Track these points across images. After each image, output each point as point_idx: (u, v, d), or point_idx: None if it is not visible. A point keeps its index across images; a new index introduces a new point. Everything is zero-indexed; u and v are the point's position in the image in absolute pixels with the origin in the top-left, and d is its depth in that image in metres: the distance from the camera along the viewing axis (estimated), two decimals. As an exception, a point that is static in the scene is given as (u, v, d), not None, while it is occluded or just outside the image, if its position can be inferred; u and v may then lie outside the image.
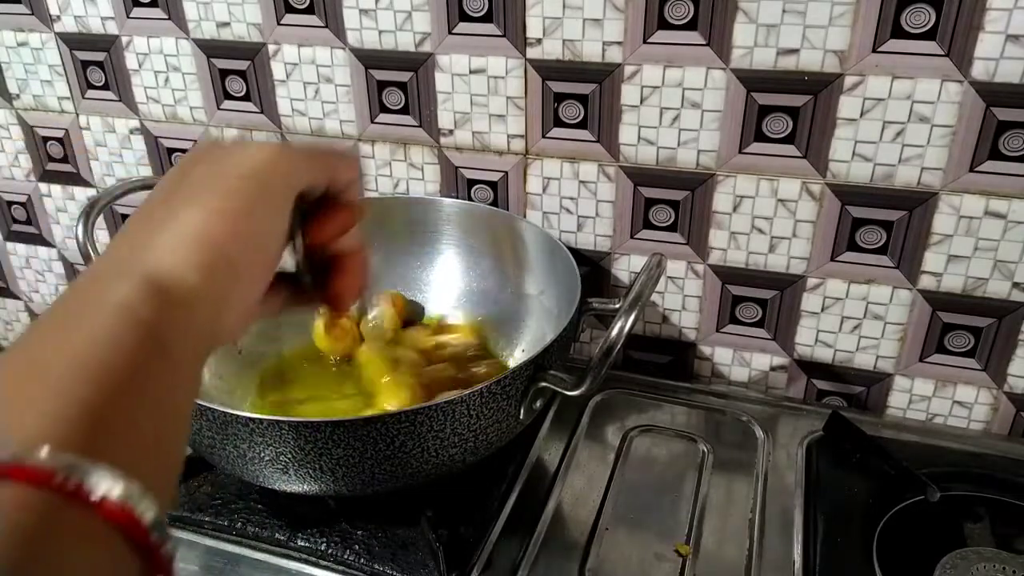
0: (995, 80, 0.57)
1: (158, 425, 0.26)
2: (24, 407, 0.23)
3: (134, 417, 0.25)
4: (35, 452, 0.21)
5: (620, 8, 0.63)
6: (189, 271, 0.29)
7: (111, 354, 0.25)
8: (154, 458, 0.25)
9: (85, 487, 0.22)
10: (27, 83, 0.86)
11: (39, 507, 0.21)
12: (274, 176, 0.33)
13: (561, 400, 0.71)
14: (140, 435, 0.25)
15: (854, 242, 0.65)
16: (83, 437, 0.23)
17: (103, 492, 0.22)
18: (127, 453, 0.24)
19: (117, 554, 0.22)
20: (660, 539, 0.57)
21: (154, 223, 0.31)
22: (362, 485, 0.52)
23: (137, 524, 0.23)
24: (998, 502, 0.58)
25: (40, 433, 0.22)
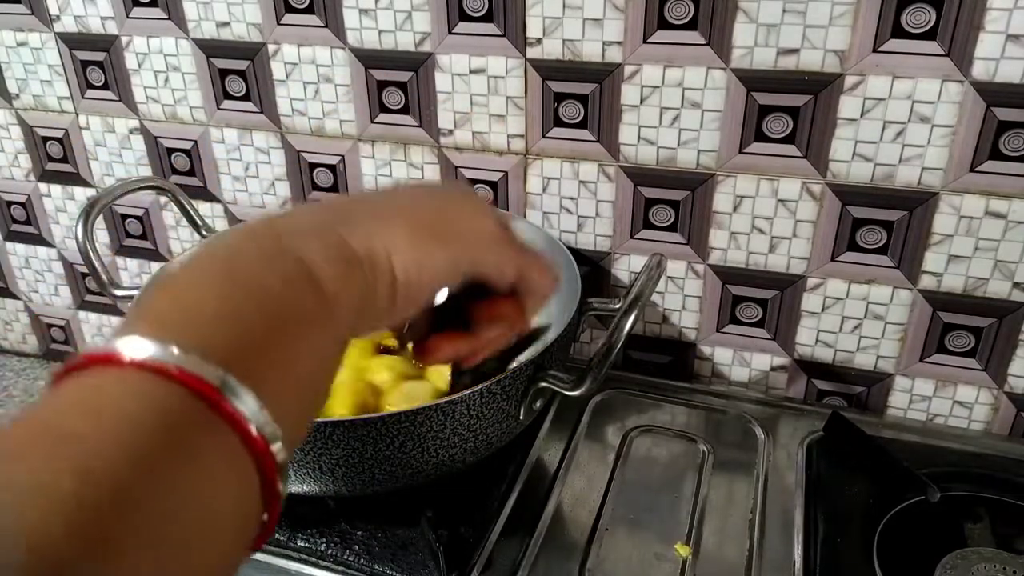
0: (995, 80, 0.57)
1: (306, 372, 0.27)
2: (195, 320, 0.25)
3: (288, 357, 0.26)
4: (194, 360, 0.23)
5: (620, 8, 0.63)
6: (369, 261, 0.31)
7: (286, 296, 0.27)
8: (295, 398, 0.27)
9: (231, 404, 0.23)
10: (27, 83, 0.86)
11: (190, 409, 0.23)
12: (473, 250, 0.35)
13: (561, 400, 0.71)
14: (291, 381, 0.26)
15: (854, 242, 0.65)
16: (238, 360, 0.24)
17: (246, 413, 0.23)
18: (273, 386, 0.25)
19: (243, 476, 0.24)
20: (660, 539, 0.57)
21: (364, 211, 0.33)
22: (362, 485, 0.52)
23: (269, 457, 0.24)
24: (998, 502, 0.58)
25: (204, 346, 0.24)
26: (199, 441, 0.23)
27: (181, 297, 0.26)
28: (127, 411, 0.22)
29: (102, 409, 0.22)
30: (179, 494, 0.22)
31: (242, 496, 0.24)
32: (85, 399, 0.23)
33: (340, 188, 0.79)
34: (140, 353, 0.23)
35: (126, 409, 0.22)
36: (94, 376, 0.23)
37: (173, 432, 0.22)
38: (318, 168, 0.80)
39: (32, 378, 0.99)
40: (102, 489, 0.20)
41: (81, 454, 0.20)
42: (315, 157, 0.79)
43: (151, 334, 0.23)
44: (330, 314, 0.28)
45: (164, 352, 0.23)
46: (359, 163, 0.78)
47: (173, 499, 0.21)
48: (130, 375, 0.23)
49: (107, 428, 0.21)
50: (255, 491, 0.24)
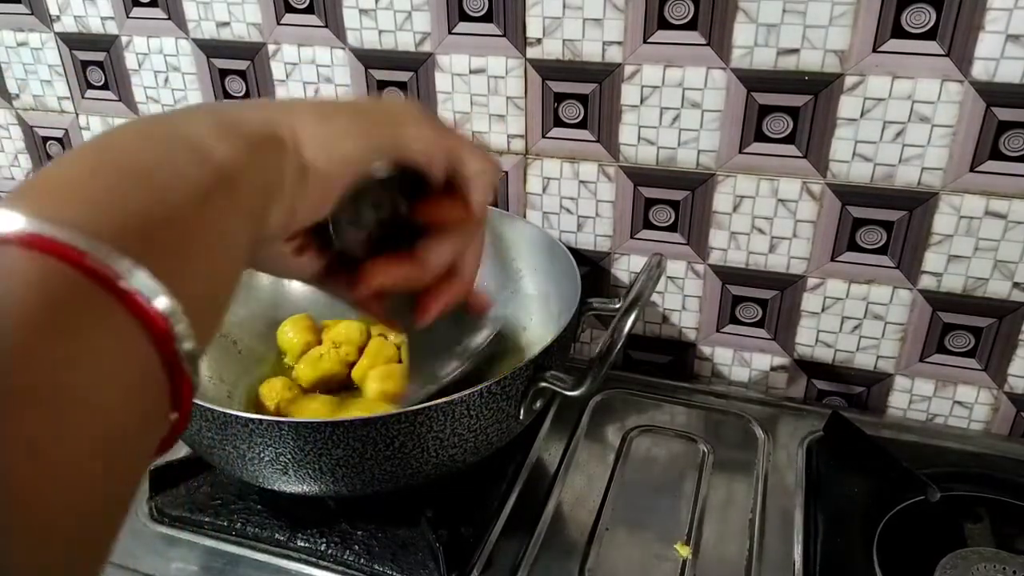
0: (995, 80, 0.57)
1: (212, 259, 0.25)
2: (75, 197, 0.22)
3: (189, 241, 0.24)
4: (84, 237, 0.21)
5: (620, 8, 0.63)
6: (272, 144, 0.29)
7: (177, 175, 0.25)
8: (202, 289, 0.24)
9: (117, 278, 0.21)
10: (27, 83, 0.86)
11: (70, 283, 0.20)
12: (389, 127, 0.32)
13: (561, 400, 0.71)
14: (192, 261, 0.24)
15: (854, 242, 0.65)
16: (128, 237, 0.22)
17: (142, 292, 0.21)
18: (176, 273, 0.22)
19: (141, 355, 0.21)
20: (660, 539, 0.57)
21: (267, 104, 0.31)
22: (362, 485, 0.52)
23: (167, 333, 0.22)
24: (998, 502, 0.58)
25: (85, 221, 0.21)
26: (77, 311, 0.20)
27: (57, 177, 0.24)
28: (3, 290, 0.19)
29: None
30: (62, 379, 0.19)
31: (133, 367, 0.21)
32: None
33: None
34: (12, 227, 0.20)
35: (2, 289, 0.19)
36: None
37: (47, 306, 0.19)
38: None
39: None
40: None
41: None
42: (315, 157, 0.79)
43: (25, 210, 0.21)
44: (227, 189, 0.26)
45: (30, 223, 0.20)
46: (359, 163, 0.78)
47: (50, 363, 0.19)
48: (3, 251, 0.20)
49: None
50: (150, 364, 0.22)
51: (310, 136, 0.30)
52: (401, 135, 0.33)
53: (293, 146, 0.30)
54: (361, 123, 0.32)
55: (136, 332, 0.21)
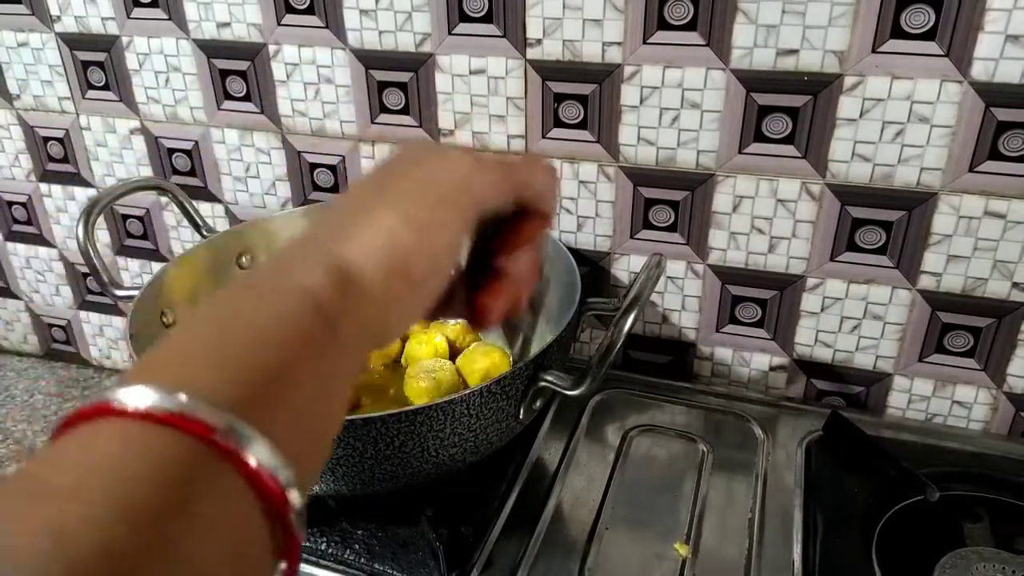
0: (995, 80, 0.57)
1: (318, 405, 0.27)
2: (199, 366, 0.24)
3: (298, 393, 0.25)
4: (203, 408, 0.22)
5: (620, 8, 0.63)
6: (373, 270, 0.30)
7: (289, 331, 0.26)
8: (308, 436, 0.26)
9: (242, 451, 0.22)
10: (27, 83, 0.86)
11: (196, 458, 0.22)
12: (466, 196, 0.34)
13: (561, 400, 0.71)
14: (300, 412, 0.25)
15: (853, 242, 0.66)
16: (248, 404, 0.23)
17: (259, 460, 0.22)
18: (285, 427, 0.24)
19: (255, 524, 0.23)
20: (660, 539, 0.57)
21: (351, 217, 0.32)
22: (362, 485, 0.52)
23: (284, 502, 0.23)
24: (998, 502, 0.58)
25: (210, 391, 0.23)
26: (200, 491, 0.21)
27: (181, 347, 0.26)
28: (117, 462, 0.21)
29: (88, 461, 0.21)
30: (179, 549, 0.20)
31: (250, 545, 0.23)
32: (72, 452, 0.22)
33: (341, 188, 0.80)
34: (136, 401, 0.22)
35: (116, 460, 0.21)
36: (87, 428, 0.22)
37: (171, 482, 0.21)
38: (319, 168, 0.80)
39: (33, 378, 0.99)
40: (84, 547, 0.18)
41: (59, 510, 0.19)
42: (316, 157, 0.79)
43: (147, 381, 0.22)
44: (337, 340, 0.28)
45: (167, 400, 0.22)
46: (359, 163, 0.78)
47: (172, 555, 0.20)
48: (125, 425, 0.22)
49: (92, 481, 0.20)
50: (266, 539, 0.23)
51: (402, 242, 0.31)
52: (476, 201, 0.34)
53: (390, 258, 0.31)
54: (449, 209, 0.33)
55: (253, 501, 0.23)
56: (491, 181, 0.35)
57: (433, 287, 0.33)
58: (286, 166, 0.81)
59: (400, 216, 0.31)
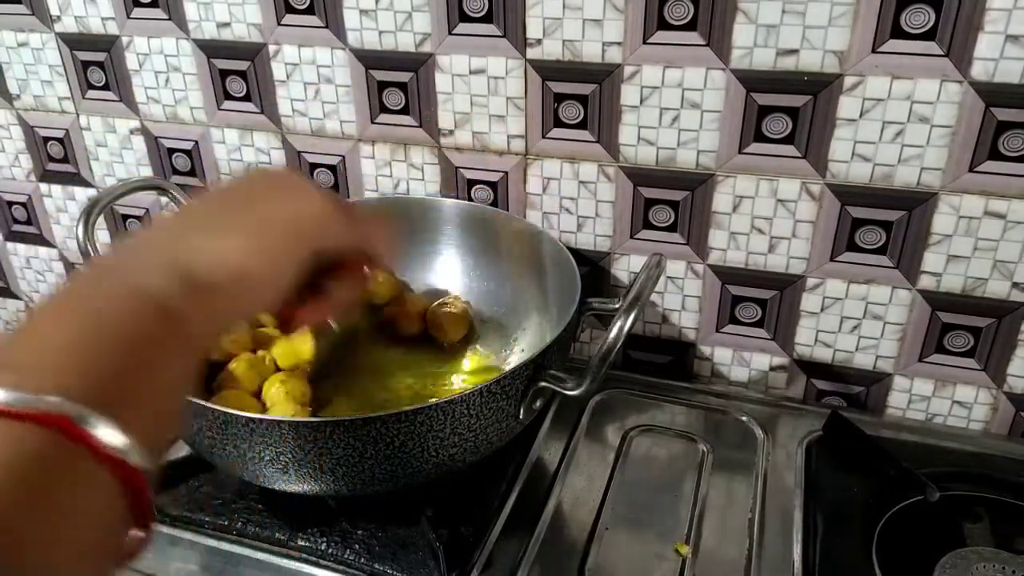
0: (995, 80, 0.57)
1: (163, 394, 0.30)
2: (48, 362, 0.27)
3: (142, 380, 0.29)
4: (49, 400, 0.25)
5: (620, 8, 0.63)
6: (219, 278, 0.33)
7: (133, 328, 0.29)
8: (153, 416, 0.29)
9: (90, 434, 0.25)
10: (27, 83, 0.86)
11: (50, 446, 0.24)
12: (310, 237, 0.38)
13: (561, 400, 0.71)
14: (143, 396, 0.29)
15: (853, 242, 0.66)
16: (94, 394, 0.26)
17: (107, 440, 0.25)
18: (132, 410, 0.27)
19: (112, 498, 0.26)
20: (660, 539, 0.57)
21: (202, 230, 0.35)
22: (362, 485, 0.52)
23: (135, 474, 0.26)
24: (997, 502, 0.58)
25: (60, 385, 0.25)
26: (63, 475, 0.24)
27: (31, 343, 0.28)
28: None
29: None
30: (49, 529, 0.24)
31: (111, 520, 0.26)
32: None
33: (341, 188, 0.80)
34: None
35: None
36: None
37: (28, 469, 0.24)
38: (318, 168, 0.80)
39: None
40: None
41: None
42: (315, 157, 0.79)
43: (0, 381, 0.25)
44: (180, 336, 0.31)
45: (14, 396, 0.24)
46: (359, 163, 0.78)
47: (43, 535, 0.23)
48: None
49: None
50: (122, 510, 0.26)
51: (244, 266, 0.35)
52: (318, 242, 0.38)
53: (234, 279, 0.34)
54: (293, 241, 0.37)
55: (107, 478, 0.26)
56: (336, 231, 0.39)
57: (267, 300, 0.37)
58: (286, 166, 0.81)
59: (252, 238, 0.35)
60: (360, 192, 0.79)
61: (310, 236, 0.38)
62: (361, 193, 0.79)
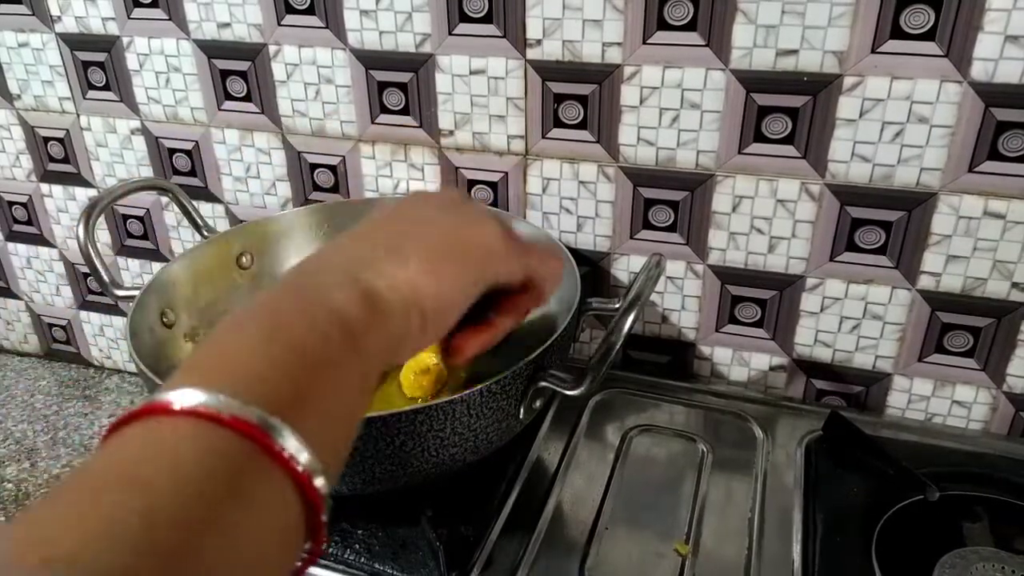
0: (994, 80, 0.57)
1: (340, 409, 0.31)
2: (242, 372, 0.27)
3: (324, 398, 0.29)
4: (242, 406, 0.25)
5: (620, 9, 0.63)
6: (395, 303, 0.34)
7: (320, 345, 0.30)
8: (332, 435, 0.30)
9: (279, 444, 0.26)
10: (28, 83, 0.86)
11: (241, 453, 0.25)
12: (486, 264, 0.38)
13: (561, 400, 0.71)
14: (325, 414, 0.29)
15: (853, 242, 0.66)
16: (283, 405, 0.27)
17: (293, 453, 0.26)
18: (314, 426, 0.27)
19: (289, 510, 0.26)
20: (660, 538, 0.58)
21: (383, 252, 0.36)
22: (362, 484, 0.52)
23: (313, 490, 0.27)
24: (997, 502, 0.58)
25: (252, 394, 0.26)
26: (250, 480, 0.25)
27: (225, 353, 0.29)
28: (185, 456, 0.24)
29: (161, 455, 0.24)
30: (235, 531, 0.24)
31: (289, 525, 0.26)
32: (145, 447, 0.25)
33: (340, 189, 0.80)
34: (191, 401, 0.25)
35: (184, 454, 0.24)
36: (149, 426, 0.25)
37: (228, 474, 0.24)
38: (319, 169, 0.80)
39: (33, 378, 0.99)
40: (167, 530, 0.22)
41: (148, 498, 0.22)
42: (316, 158, 0.79)
43: (199, 384, 0.26)
44: (360, 357, 0.31)
45: (214, 399, 0.25)
46: (360, 164, 0.78)
47: (231, 536, 0.23)
48: (183, 423, 0.25)
49: (168, 472, 0.23)
50: (300, 524, 0.27)
51: (426, 292, 0.35)
52: (495, 269, 0.39)
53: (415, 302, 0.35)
54: (467, 269, 0.37)
55: (288, 488, 0.26)
56: (509, 260, 0.39)
57: (440, 328, 0.37)
58: (286, 166, 0.81)
59: (426, 265, 0.36)
60: (360, 193, 0.79)
61: (485, 266, 0.38)
62: (361, 194, 0.79)
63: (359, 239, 0.37)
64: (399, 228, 0.38)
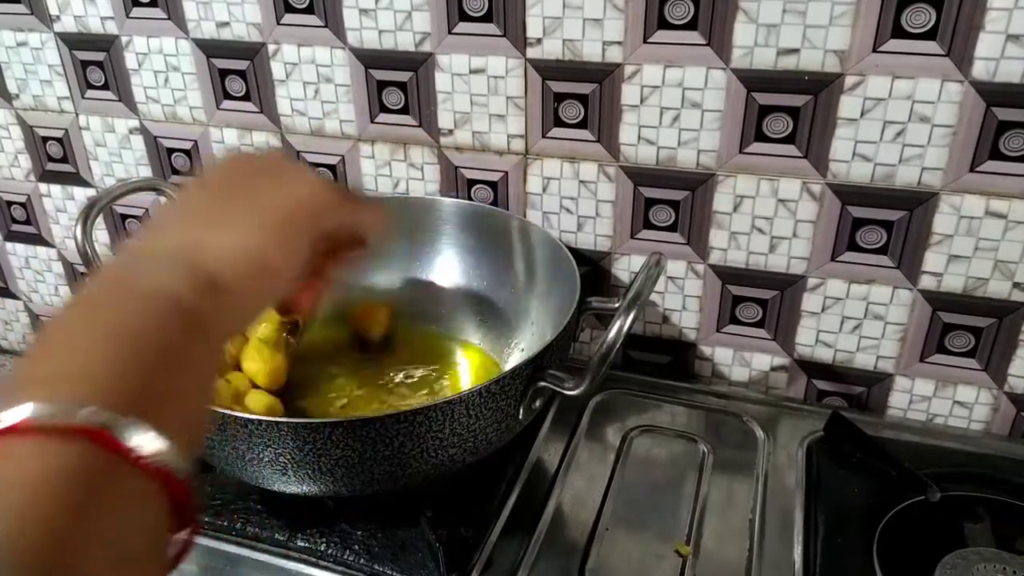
0: (995, 80, 0.57)
1: (189, 389, 0.30)
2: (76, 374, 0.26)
3: (170, 383, 0.28)
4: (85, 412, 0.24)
5: (620, 8, 0.63)
6: (231, 276, 0.34)
7: (156, 332, 0.29)
8: (184, 417, 0.29)
9: (128, 443, 0.25)
10: (27, 83, 0.86)
11: (88, 459, 0.24)
12: (315, 221, 0.38)
13: (561, 400, 0.71)
14: (174, 398, 0.28)
15: (854, 242, 0.65)
16: (127, 402, 0.26)
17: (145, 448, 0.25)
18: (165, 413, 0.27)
19: (153, 505, 0.26)
20: (660, 539, 0.57)
21: (205, 226, 0.35)
22: (361, 485, 0.52)
23: (175, 480, 0.26)
24: (998, 502, 0.58)
25: (89, 394, 0.25)
26: (106, 487, 0.24)
27: (58, 356, 0.27)
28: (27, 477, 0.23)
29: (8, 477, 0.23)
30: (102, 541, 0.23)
31: (156, 526, 0.26)
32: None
33: (340, 188, 0.79)
34: (21, 416, 0.24)
35: (26, 475, 0.23)
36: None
37: (80, 486, 0.23)
38: (319, 168, 0.80)
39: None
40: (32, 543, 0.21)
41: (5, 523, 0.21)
42: (315, 157, 0.79)
43: (32, 396, 0.24)
44: (202, 336, 0.31)
45: (46, 410, 0.24)
46: (359, 163, 0.78)
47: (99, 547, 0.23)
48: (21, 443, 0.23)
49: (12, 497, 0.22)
50: (166, 517, 0.26)
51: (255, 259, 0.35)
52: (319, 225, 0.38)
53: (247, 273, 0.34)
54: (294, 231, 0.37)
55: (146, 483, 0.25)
56: (335, 213, 0.40)
57: (276, 291, 0.37)
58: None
59: (254, 234, 0.35)
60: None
61: (312, 222, 0.38)
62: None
63: (181, 221, 0.36)
64: (220, 204, 0.37)
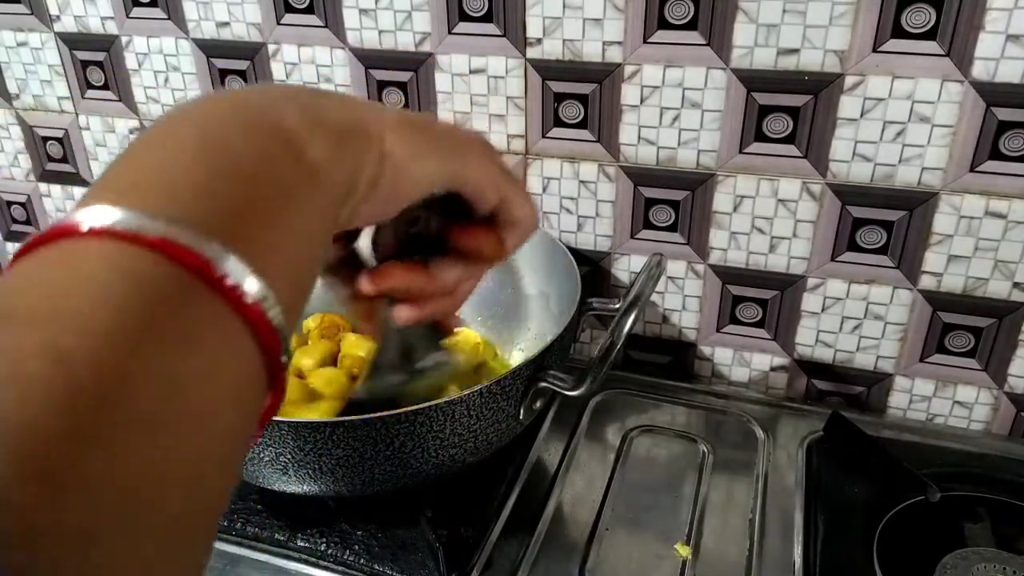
0: (995, 80, 0.57)
1: (296, 243, 0.25)
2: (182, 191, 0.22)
3: (273, 226, 0.24)
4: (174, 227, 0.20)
5: (620, 8, 0.63)
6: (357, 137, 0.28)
7: (265, 165, 0.24)
8: (291, 273, 0.24)
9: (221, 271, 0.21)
10: (27, 83, 0.86)
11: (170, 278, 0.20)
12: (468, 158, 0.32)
13: (561, 400, 0.71)
14: (282, 250, 0.24)
15: (854, 242, 0.65)
16: (233, 236, 0.22)
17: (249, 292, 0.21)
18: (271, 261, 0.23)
19: (240, 350, 0.22)
20: (660, 539, 0.57)
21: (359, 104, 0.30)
22: (362, 485, 0.52)
23: (268, 325, 0.22)
24: (998, 502, 0.58)
25: (195, 219, 0.21)
26: (187, 314, 0.20)
27: (150, 164, 0.23)
28: (99, 283, 0.19)
29: (69, 283, 0.19)
30: (171, 373, 0.19)
31: (241, 371, 0.22)
32: (48, 275, 0.20)
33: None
34: (106, 220, 0.20)
35: (98, 281, 0.19)
36: (56, 251, 0.21)
37: (156, 305, 0.19)
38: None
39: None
40: (79, 371, 0.17)
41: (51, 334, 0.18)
42: (315, 157, 0.79)
43: (118, 202, 0.21)
44: (315, 186, 0.26)
45: (135, 218, 0.20)
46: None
47: (164, 378, 0.19)
48: (97, 245, 0.20)
49: (76, 304, 0.19)
50: (256, 364, 0.22)
51: (396, 146, 0.29)
52: (468, 164, 0.32)
53: (379, 143, 0.29)
54: (441, 145, 0.31)
55: (236, 323, 0.21)
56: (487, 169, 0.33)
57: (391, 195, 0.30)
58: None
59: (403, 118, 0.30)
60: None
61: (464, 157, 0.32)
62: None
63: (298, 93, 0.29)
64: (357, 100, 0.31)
